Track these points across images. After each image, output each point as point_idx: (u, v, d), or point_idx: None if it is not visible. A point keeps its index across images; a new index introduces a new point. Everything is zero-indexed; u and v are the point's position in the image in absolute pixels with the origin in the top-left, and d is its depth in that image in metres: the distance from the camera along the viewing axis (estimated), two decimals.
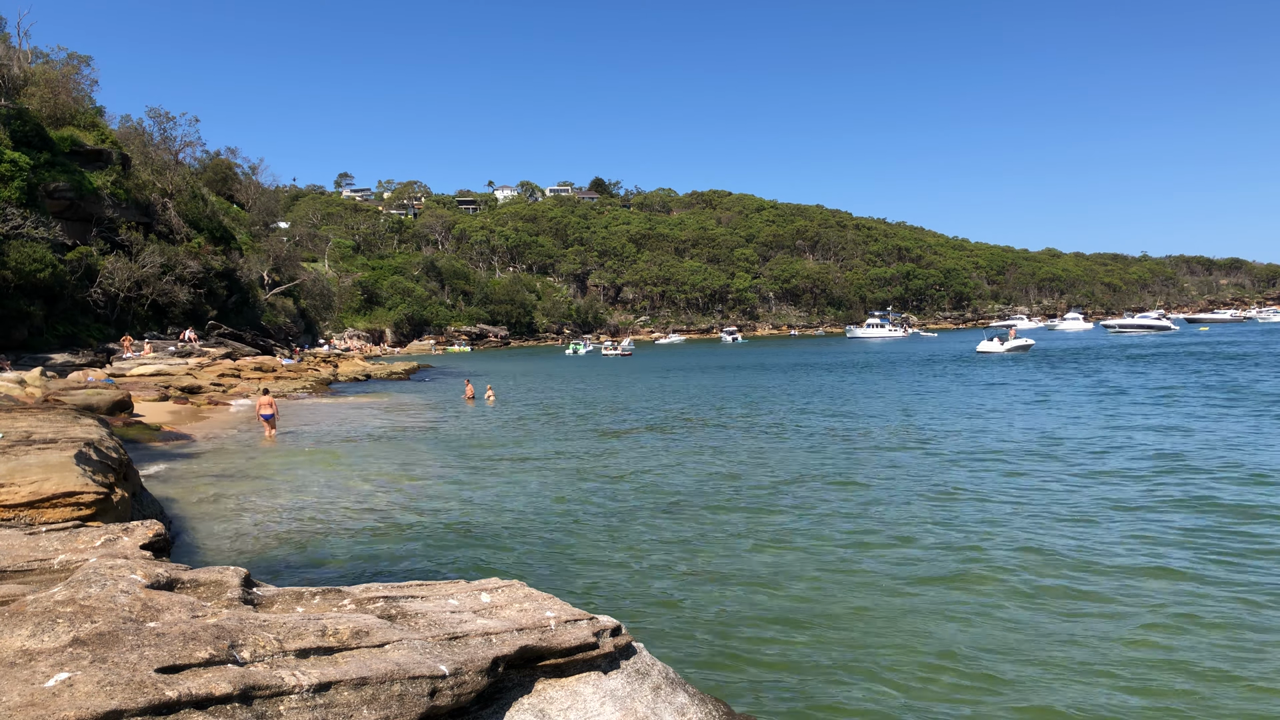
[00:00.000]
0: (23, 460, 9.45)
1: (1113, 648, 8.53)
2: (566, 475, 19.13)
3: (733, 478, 18.29)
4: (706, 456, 21.45)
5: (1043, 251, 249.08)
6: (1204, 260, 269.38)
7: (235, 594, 5.15)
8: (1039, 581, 10.58)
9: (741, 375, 55.71)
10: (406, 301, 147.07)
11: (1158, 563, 11.27)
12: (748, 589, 10.58)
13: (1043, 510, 14.34)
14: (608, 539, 13.22)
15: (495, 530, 13.89)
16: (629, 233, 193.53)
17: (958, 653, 8.48)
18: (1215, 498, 14.90)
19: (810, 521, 14.00)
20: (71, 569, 5.66)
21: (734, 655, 8.54)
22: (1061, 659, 8.28)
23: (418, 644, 4.72)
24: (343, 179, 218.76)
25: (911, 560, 11.63)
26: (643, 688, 5.37)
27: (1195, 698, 7.46)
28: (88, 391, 28.13)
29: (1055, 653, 8.42)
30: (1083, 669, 8.06)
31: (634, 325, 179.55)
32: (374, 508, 15.58)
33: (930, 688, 7.78)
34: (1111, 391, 35.53)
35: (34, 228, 45.20)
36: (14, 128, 49.93)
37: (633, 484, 17.88)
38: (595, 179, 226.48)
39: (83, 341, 47.50)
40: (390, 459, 21.68)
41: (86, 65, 68.38)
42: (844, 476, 17.99)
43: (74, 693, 3.61)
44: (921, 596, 10.17)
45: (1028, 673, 7.99)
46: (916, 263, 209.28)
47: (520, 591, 5.80)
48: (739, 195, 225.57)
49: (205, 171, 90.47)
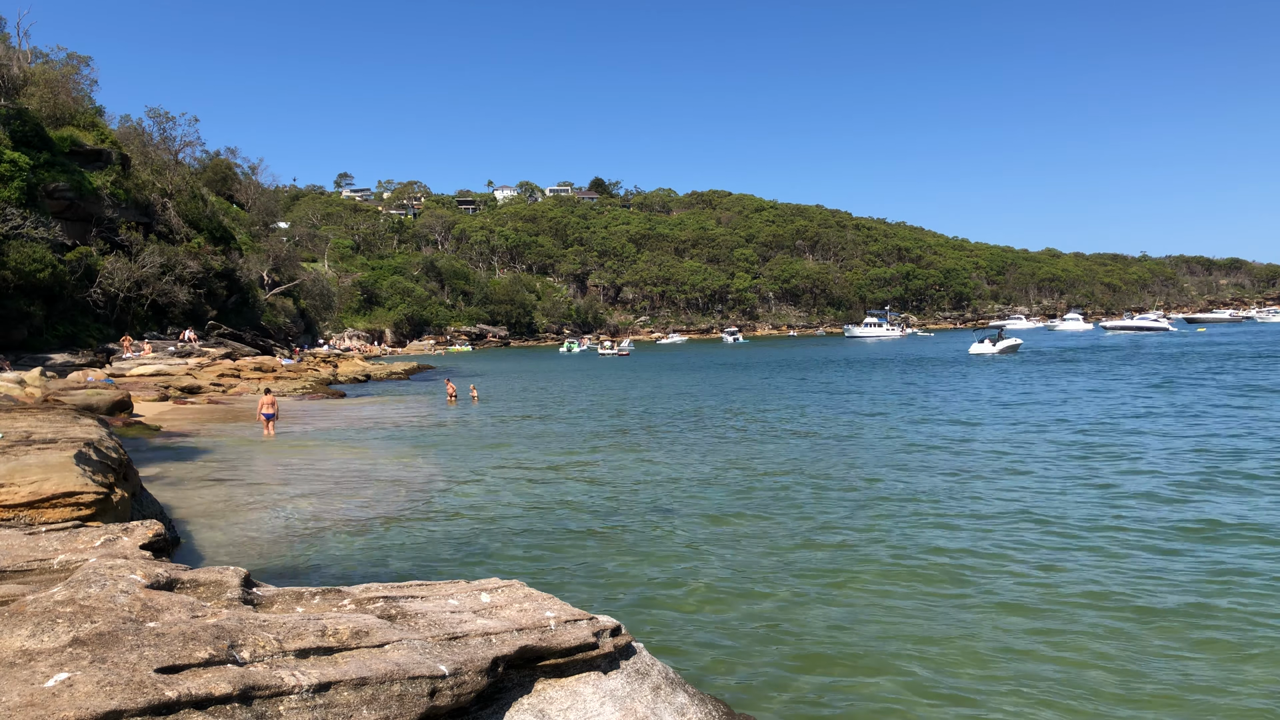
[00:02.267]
0: (22, 460, 9.45)
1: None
2: (565, 475, 19.13)
3: (727, 478, 18.30)
4: (697, 456, 21.46)
5: (1043, 251, 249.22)
6: (1204, 260, 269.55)
7: (235, 594, 5.15)
8: (1039, 578, 10.60)
9: (728, 374, 55.83)
10: (406, 301, 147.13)
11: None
12: (747, 589, 10.58)
13: (1016, 493, 14.37)
14: (606, 539, 13.23)
15: (494, 530, 13.89)
16: (629, 233, 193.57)
17: (959, 653, 8.48)
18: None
19: (809, 521, 14.01)
20: (71, 569, 5.66)
21: (733, 655, 8.54)
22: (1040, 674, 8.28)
23: (417, 644, 4.72)
24: (342, 179, 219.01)
25: (911, 560, 11.63)
26: (642, 688, 5.37)
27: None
28: (87, 391, 28.14)
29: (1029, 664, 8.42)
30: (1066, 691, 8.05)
31: (634, 325, 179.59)
32: (373, 507, 15.59)
33: (929, 687, 7.78)
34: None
35: (34, 228, 45.19)
36: (14, 128, 49.93)
37: (628, 484, 17.88)
38: (595, 179, 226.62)
39: (82, 341, 47.49)
40: (389, 459, 21.68)
41: (86, 65, 68.54)
42: (843, 477, 18.00)
43: (74, 693, 3.61)
44: (921, 596, 10.18)
45: (1034, 668, 8.00)
46: (916, 263, 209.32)
47: (520, 591, 5.80)
48: (739, 195, 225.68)
49: (205, 171, 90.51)
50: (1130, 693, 7.57)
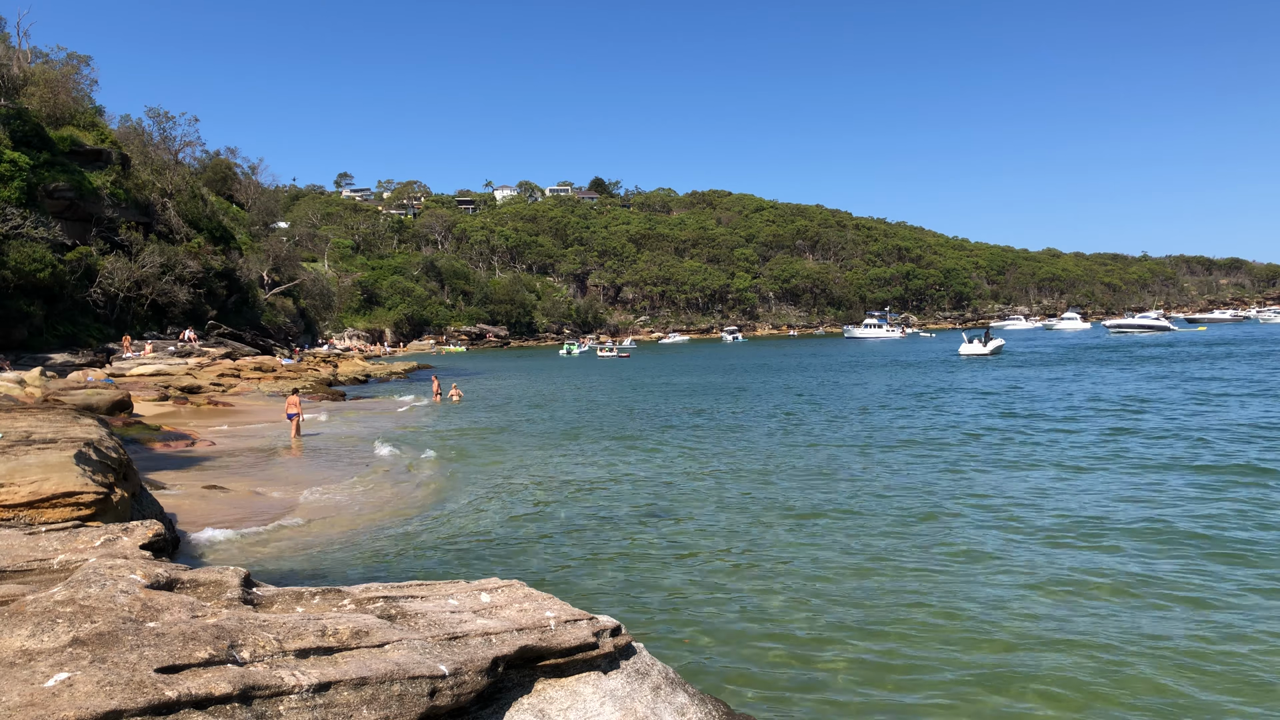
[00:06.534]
0: (22, 460, 9.44)
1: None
2: (566, 476, 19.13)
3: (721, 479, 18.31)
4: (694, 457, 21.46)
5: (1043, 251, 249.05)
6: (1204, 260, 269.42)
7: (235, 594, 5.15)
8: (1038, 575, 10.60)
9: (721, 376, 55.82)
10: (406, 301, 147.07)
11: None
12: (746, 588, 10.58)
13: (1011, 476, 14.37)
14: (607, 540, 13.23)
15: (494, 530, 13.89)
16: (629, 233, 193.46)
17: (959, 652, 8.48)
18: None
19: (809, 523, 14.01)
20: (71, 569, 5.66)
21: (733, 655, 8.55)
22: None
23: (417, 644, 4.72)
24: (342, 179, 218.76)
25: (910, 559, 11.63)
26: (642, 687, 5.37)
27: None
28: (87, 391, 28.13)
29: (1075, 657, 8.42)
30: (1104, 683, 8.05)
31: (634, 325, 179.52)
32: (373, 507, 15.59)
33: (931, 687, 7.78)
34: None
35: (34, 228, 45.17)
36: (14, 128, 49.89)
37: (627, 485, 17.89)
38: (595, 179, 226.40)
39: (83, 341, 47.46)
40: (388, 458, 21.68)
41: (86, 65, 68.46)
42: (841, 476, 18.00)
43: (74, 693, 3.61)
44: (921, 597, 10.18)
45: (1050, 659, 8.00)
46: (916, 263, 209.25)
47: (520, 591, 5.80)
48: (739, 195, 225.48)
49: (205, 171, 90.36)
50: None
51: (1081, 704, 7.38)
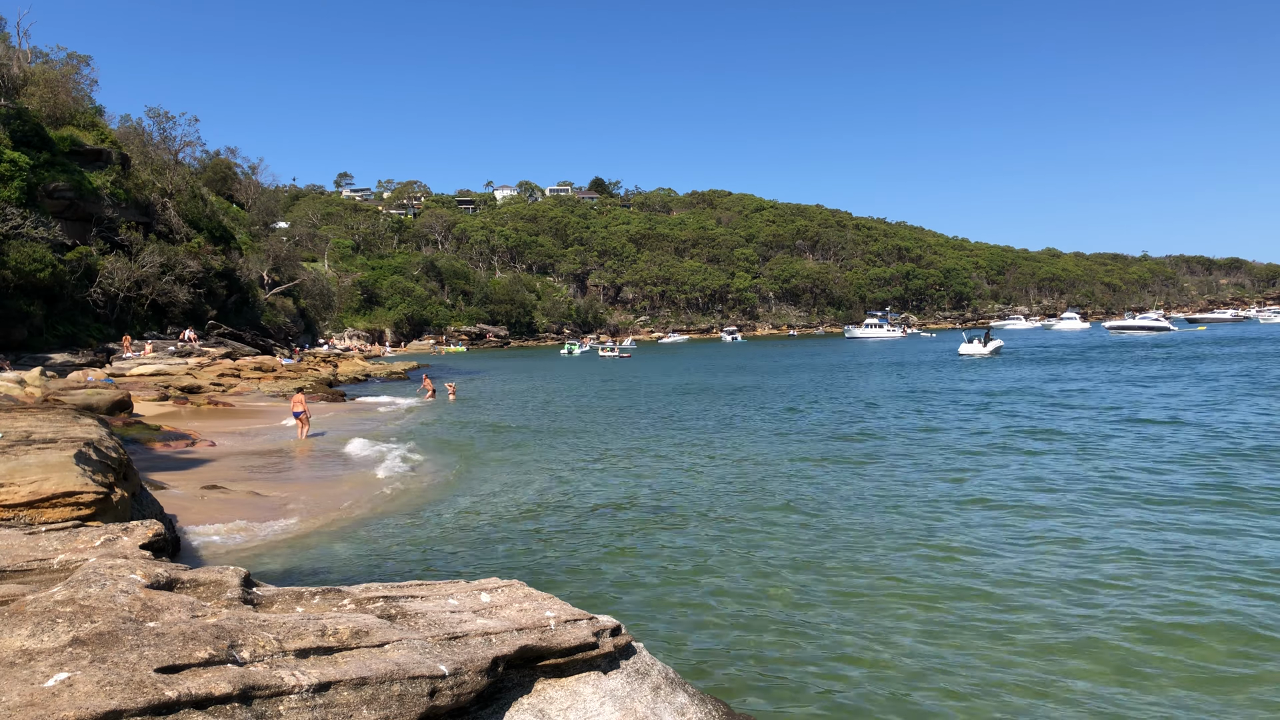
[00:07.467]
0: (22, 460, 9.44)
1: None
2: (565, 475, 19.13)
3: (723, 478, 18.30)
4: (696, 456, 21.46)
5: (1043, 251, 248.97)
6: (1204, 260, 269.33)
7: (235, 594, 5.15)
8: (1039, 572, 10.59)
9: (718, 376, 55.81)
10: (406, 301, 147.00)
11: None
12: (746, 588, 10.58)
13: (1012, 497, 14.36)
14: (606, 540, 13.23)
15: (494, 530, 13.89)
16: (629, 233, 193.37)
17: (960, 651, 8.47)
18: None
19: (813, 523, 14.00)
20: (71, 569, 5.66)
21: (733, 655, 8.54)
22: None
23: (417, 644, 4.72)
24: (342, 179, 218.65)
25: (919, 560, 11.63)
26: (642, 687, 5.37)
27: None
28: (87, 391, 28.14)
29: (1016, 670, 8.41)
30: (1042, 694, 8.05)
31: (634, 325, 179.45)
32: (373, 506, 15.59)
33: (940, 689, 7.77)
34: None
35: (34, 228, 45.16)
36: (14, 128, 49.88)
37: (627, 484, 17.88)
38: (595, 179, 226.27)
39: (83, 341, 47.44)
40: (388, 457, 21.67)
41: (86, 65, 68.42)
42: (845, 476, 17.99)
43: (73, 692, 3.61)
44: (921, 595, 10.17)
45: (1035, 666, 8.00)
46: (916, 263, 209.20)
47: (520, 591, 5.79)
48: (739, 195, 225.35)
49: (205, 171, 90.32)
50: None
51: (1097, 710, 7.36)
